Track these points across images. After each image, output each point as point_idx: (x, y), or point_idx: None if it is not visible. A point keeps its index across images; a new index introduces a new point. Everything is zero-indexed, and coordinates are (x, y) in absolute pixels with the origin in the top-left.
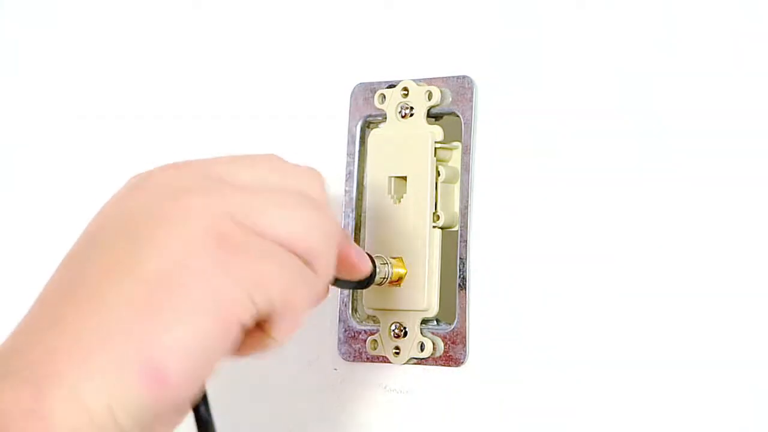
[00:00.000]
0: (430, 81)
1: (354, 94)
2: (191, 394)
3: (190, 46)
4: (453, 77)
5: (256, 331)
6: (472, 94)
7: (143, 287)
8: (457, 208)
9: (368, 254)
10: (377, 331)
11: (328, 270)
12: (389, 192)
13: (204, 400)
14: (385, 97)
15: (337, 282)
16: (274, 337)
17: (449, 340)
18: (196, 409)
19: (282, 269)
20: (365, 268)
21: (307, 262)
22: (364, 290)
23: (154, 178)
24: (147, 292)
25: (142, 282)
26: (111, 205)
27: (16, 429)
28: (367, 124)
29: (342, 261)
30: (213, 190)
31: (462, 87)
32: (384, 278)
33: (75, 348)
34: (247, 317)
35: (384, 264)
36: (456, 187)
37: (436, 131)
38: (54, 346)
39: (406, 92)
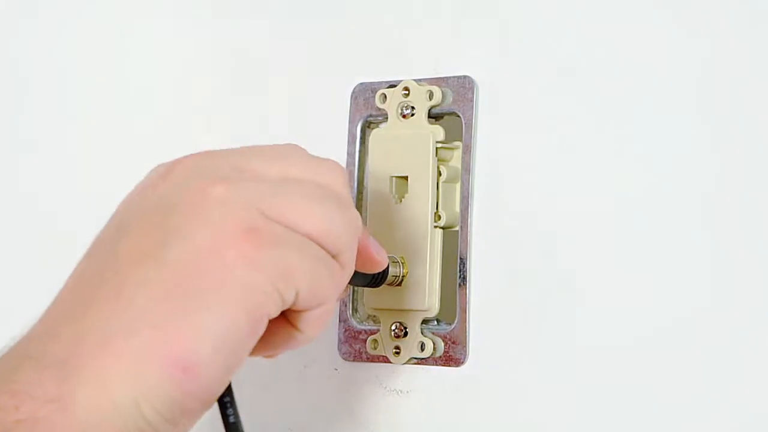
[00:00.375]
0: (431, 81)
1: (354, 94)
2: (218, 386)
3: (191, 45)
4: (454, 77)
5: (285, 325)
6: (473, 93)
7: (171, 277)
8: (458, 208)
9: None
10: (377, 330)
11: (351, 263)
12: (391, 192)
13: (231, 402)
14: (386, 96)
15: (351, 279)
16: (302, 330)
17: (449, 340)
18: (225, 413)
19: (308, 260)
20: (383, 261)
21: (332, 255)
22: (365, 290)
23: (181, 167)
24: (174, 281)
25: (169, 272)
26: (138, 193)
27: (38, 414)
28: (368, 124)
29: (361, 254)
30: (240, 180)
31: (463, 87)
32: (396, 277)
33: (102, 339)
34: (274, 308)
35: (396, 263)
36: (457, 187)
37: (438, 131)
38: (80, 335)
39: (407, 92)
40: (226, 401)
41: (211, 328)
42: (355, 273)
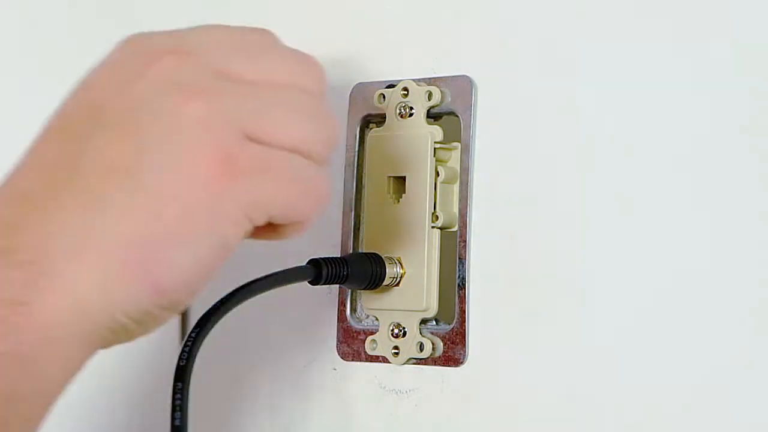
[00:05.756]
0: (429, 81)
1: (353, 94)
2: (189, 300)
3: None
4: (453, 77)
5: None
6: (471, 94)
7: (146, 198)
8: (456, 209)
9: (378, 254)
10: (376, 331)
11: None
12: (388, 192)
13: (182, 406)
14: (384, 97)
15: (346, 282)
16: (279, 234)
17: (449, 340)
18: (173, 415)
19: (285, 183)
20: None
21: (312, 160)
22: (363, 290)
23: (160, 69)
24: (149, 204)
25: (145, 192)
26: (113, 78)
27: (1, 314)
28: (366, 124)
29: None
30: (219, 92)
31: (462, 87)
32: (393, 278)
33: (73, 246)
34: (244, 234)
35: (393, 263)
36: (455, 188)
37: (436, 131)
38: (50, 235)
39: (405, 92)
40: (177, 404)
41: (182, 258)
42: (353, 275)
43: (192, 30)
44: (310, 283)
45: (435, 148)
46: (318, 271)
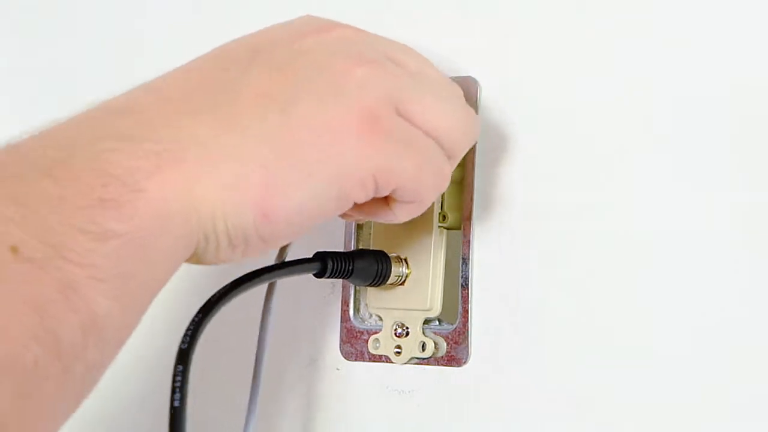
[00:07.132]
0: None
1: None
2: (286, 239)
3: (189, 45)
4: (457, 77)
5: (379, 200)
6: (476, 94)
7: (288, 131)
8: (462, 208)
9: (384, 252)
10: (379, 330)
11: (451, 168)
12: None
13: (181, 389)
14: None
15: (351, 277)
16: (393, 210)
17: (451, 340)
18: (172, 397)
19: (417, 159)
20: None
21: (445, 152)
22: (367, 289)
23: (338, 33)
24: (290, 137)
25: (289, 126)
26: (285, 31)
27: (123, 199)
28: None
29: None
30: (385, 67)
31: (466, 87)
32: (398, 277)
33: (206, 149)
34: (363, 196)
35: (399, 263)
36: (462, 188)
37: None
38: (186, 136)
39: None
40: (176, 385)
41: (301, 195)
42: (358, 270)
43: None
44: (315, 275)
45: None
46: (323, 265)
